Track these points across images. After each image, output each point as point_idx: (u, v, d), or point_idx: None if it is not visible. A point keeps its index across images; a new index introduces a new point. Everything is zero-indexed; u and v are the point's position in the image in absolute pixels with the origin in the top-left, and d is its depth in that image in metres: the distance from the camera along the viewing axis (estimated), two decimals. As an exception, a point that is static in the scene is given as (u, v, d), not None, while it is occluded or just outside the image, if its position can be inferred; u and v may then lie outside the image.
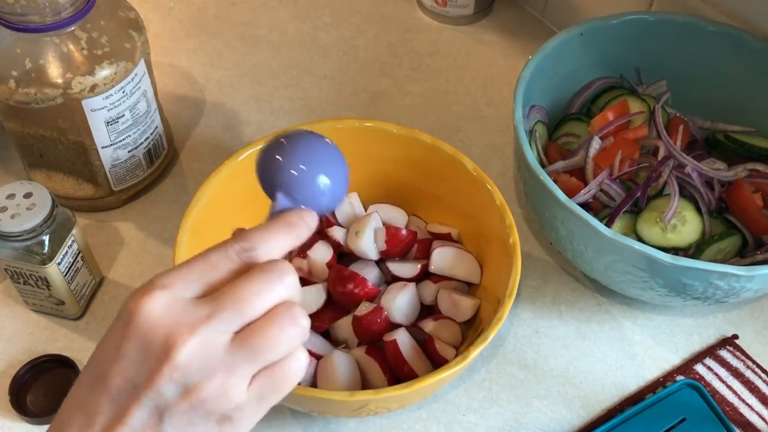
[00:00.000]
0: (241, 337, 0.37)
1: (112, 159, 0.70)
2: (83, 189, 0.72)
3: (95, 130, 0.67)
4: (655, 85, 0.77)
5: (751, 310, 0.71)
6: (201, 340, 0.36)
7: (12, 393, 0.61)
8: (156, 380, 0.35)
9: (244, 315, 0.37)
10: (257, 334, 0.37)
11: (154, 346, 0.36)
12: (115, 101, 0.66)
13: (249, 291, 0.37)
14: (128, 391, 0.36)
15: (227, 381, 0.36)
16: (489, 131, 0.84)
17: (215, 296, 0.37)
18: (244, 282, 0.38)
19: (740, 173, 0.69)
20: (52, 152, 0.70)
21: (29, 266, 0.61)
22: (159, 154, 0.75)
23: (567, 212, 0.60)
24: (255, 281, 0.38)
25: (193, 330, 0.36)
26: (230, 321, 0.37)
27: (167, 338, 0.36)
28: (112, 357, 0.36)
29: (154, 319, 0.36)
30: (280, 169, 0.44)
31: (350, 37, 0.94)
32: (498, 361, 0.67)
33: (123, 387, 0.36)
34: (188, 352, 0.35)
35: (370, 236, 0.65)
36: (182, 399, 0.36)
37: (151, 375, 0.35)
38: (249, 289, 0.37)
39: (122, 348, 0.36)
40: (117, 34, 0.65)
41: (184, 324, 0.36)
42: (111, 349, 0.37)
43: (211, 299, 0.37)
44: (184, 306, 0.37)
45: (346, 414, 0.57)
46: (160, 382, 0.35)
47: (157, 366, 0.35)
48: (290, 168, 0.44)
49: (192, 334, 0.36)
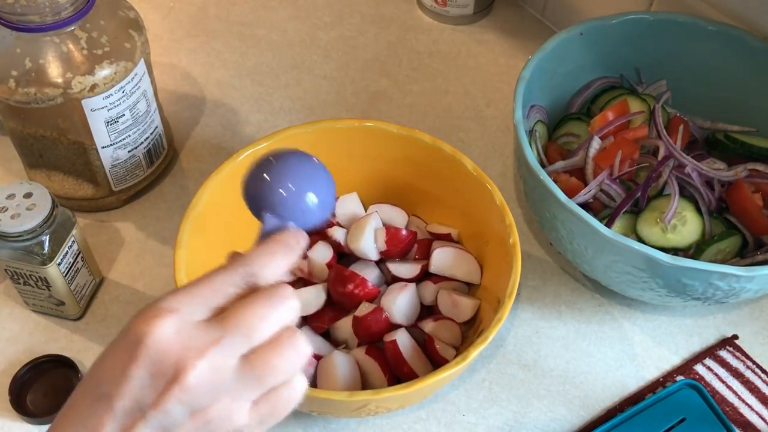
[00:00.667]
0: (247, 362, 0.37)
1: (112, 159, 0.70)
2: (83, 189, 0.72)
3: (95, 130, 0.67)
4: (655, 85, 0.77)
5: (751, 311, 0.71)
6: (210, 363, 0.36)
7: (12, 393, 0.61)
8: (165, 401, 0.36)
9: (251, 339, 0.38)
10: (263, 360, 0.38)
11: (165, 369, 0.36)
12: (114, 101, 0.66)
13: (255, 315, 0.38)
14: (134, 410, 0.36)
15: (232, 404, 0.37)
16: (489, 131, 0.84)
17: (222, 320, 0.38)
18: (250, 306, 0.38)
19: (740, 173, 0.69)
20: (52, 152, 0.70)
21: (29, 267, 0.61)
22: (159, 154, 0.75)
23: (567, 212, 0.60)
24: (260, 306, 0.38)
25: (203, 353, 0.36)
26: (238, 345, 0.37)
27: (178, 361, 0.36)
28: (118, 377, 0.36)
29: (165, 343, 0.36)
30: (269, 190, 0.44)
31: (350, 37, 0.94)
32: (498, 361, 0.67)
33: (129, 407, 0.36)
34: (198, 375, 0.36)
35: (370, 236, 0.65)
36: (189, 420, 0.36)
37: (160, 396, 0.36)
38: (255, 314, 0.38)
39: (130, 369, 0.36)
40: (117, 33, 0.65)
41: (194, 348, 0.36)
42: (116, 369, 0.37)
43: (218, 323, 0.38)
44: (192, 329, 0.37)
45: (346, 414, 0.57)
46: (168, 404, 0.36)
47: (166, 388, 0.36)
48: (278, 188, 0.44)
49: (202, 357, 0.36)
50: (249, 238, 0.68)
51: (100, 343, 0.66)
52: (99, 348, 0.65)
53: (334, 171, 0.70)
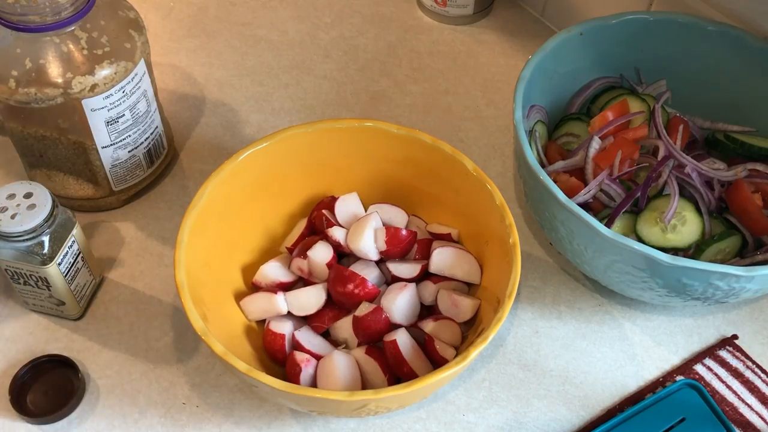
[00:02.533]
0: None
1: (112, 159, 0.70)
2: (83, 189, 0.72)
3: (95, 130, 0.67)
4: (655, 85, 0.77)
5: (750, 311, 0.71)
6: None
7: (12, 393, 0.61)
8: None
9: None
10: None
11: None
12: (115, 101, 0.66)
13: None
14: None
15: None
16: (489, 131, 0.84)
17: None
18: None
19: (740, 173, 0.69)
20: (52, 152, 0.70)
21: (29, 267, 0.61)
22: (159, 154, 0.75)
23: (567, 212, 0.60)
24: None
25: None
26: None
27: None
28: None
29: None
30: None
31: (350, 37, 0.94)
32: (498, 361, 0.67)
33: None
34: None
35: (370, 236, 0.65)
36: None
37: None
38: None
39: None
40: (117, 33, 0.65)
41: None
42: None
43: None
44: None
45: (346, 414, 0.57)
46: None
47: None
48: None
49: None
50: (249, 238, 0.68)
51: (100, 343, 0.66)
52: (99, 348, 0.65)
53: (334, 171, 0.71)
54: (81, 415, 0.62)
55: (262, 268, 0.66)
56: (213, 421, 0.62)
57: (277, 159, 0.67)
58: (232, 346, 0.57)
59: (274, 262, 0.66)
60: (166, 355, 0.65)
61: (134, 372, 0.64)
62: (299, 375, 0.59)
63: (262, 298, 0.64)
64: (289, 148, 0.67)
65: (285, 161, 0.67)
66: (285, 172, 0.68)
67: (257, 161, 0.65)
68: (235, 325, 0.63)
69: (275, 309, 0.63)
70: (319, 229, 0.68)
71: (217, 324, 0.58)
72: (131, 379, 0.64)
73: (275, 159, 0.67)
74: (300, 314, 0.64)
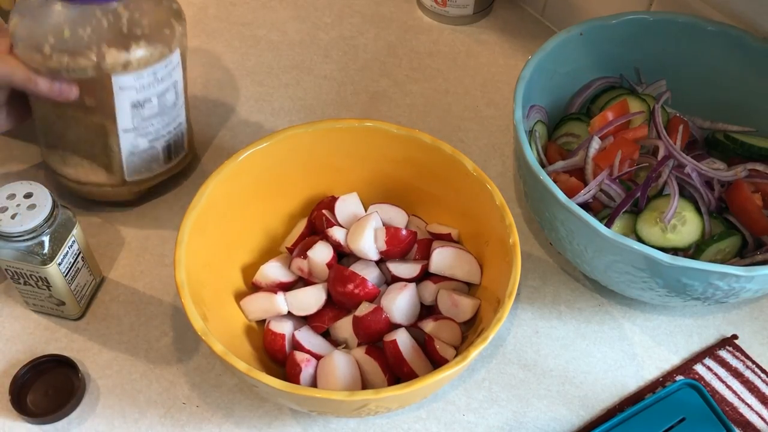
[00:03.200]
0: None
1: (132, 146, 0.69)
2: (96, 174, 0.71)
3: (120, 111, 0.66)
4: (655, 85, 0.77)
5: (750, 311, 0.71)
6: None
7: (12, 393, 0.61)
8: None
9: None
10: None
11: None
12: (145, 84, 0.65)
13: None
14: None
15: None
16: (489, 131, 0.85)
17: None
18: None
19: (740, 173, 0.69)
20: (73, 132, 0.69)
21: (29, 266, 0.61)
22: (179, 151, 0.74)
23: (567, 212, 0.60)
24: None
25: None
26: None
27: None
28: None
29: None
30: None
31: (350, 37, 0.94)
32: (498, 361, 0.67)
33: None
34: None
35: (370, 236, 0.65)
36: None
37: None
38: None
39: None
40: (158, 19, 0.65)
41: None
42: None
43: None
44: None
45: (346, 414, 0.57)
46: None
47: None
48: None
49: None
50: (249, 238, 0.68)
51: (101, 343, 0.66)
52: (99, 348, 0.65)
53: (334, 171, 0.71)
54: (81, 415, 0.62)
55: (262, 268, 0.66)
56: (213, 421, 0.62)
57: (277, 159, 0.67)
58: (232, 346, 0.57)
59: (274, 262, 0.67)
60: (166, 355, 0.65)
61: (134, 372, 0.64)
62: (299, 375, 0.59)
63: (262, 298, 0.64)
64: (289, 148, 0.67)
65: (285, 161, 0.67)
66: (285, 172, 0.68)
67: (257, 161, 0.65)
68: (235, 325, 0.63)
69: (275, 309, 0.63)
70: (319, 229, 0.68)
71: (217, 324, 0.58)
72: (131, 379, 0.64)
73: (275, 159, 0.67)
74: (300, 314, 0.64)
